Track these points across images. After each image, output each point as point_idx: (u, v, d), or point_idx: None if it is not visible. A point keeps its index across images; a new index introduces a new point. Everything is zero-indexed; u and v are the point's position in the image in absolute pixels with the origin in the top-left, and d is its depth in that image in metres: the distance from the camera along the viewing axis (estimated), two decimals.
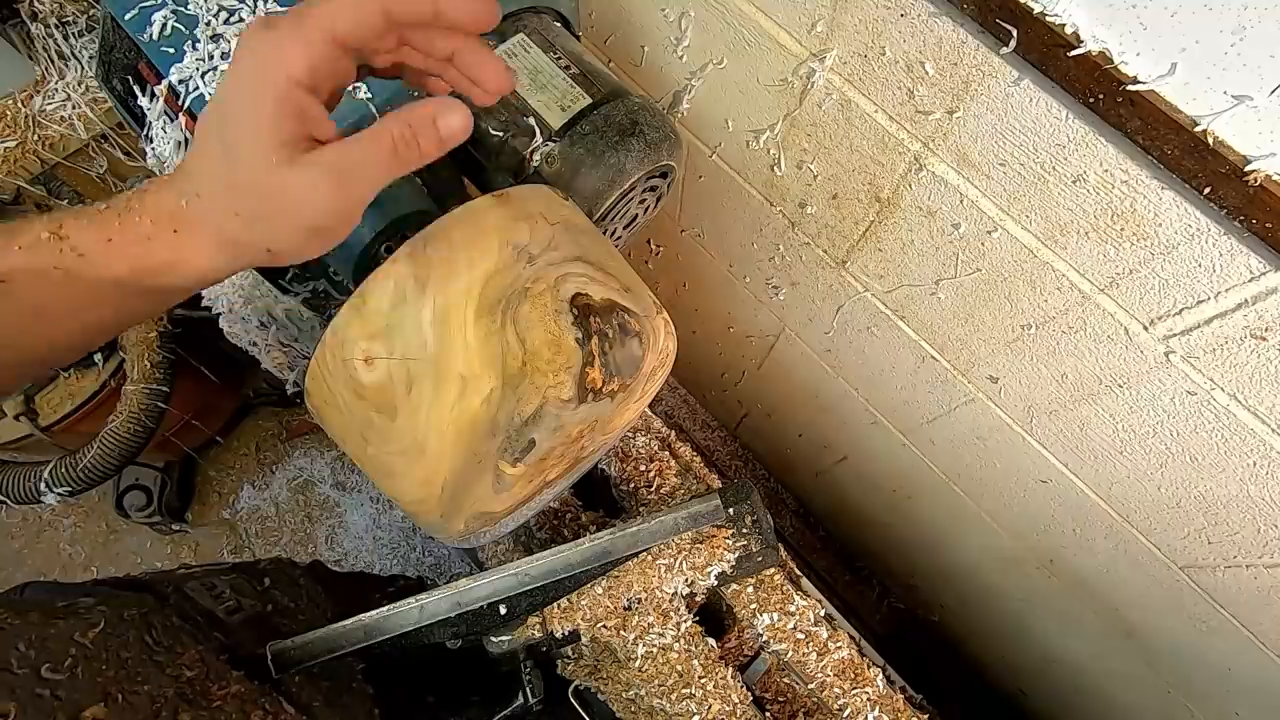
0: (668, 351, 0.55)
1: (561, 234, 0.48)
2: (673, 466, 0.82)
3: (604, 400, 0.49)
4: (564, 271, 0.47)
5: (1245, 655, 0.75)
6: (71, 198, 1.07)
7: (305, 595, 0.68)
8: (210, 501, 1.79)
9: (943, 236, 0.65)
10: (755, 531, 0.71)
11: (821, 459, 1.30)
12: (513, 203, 0.47)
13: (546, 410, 0.46)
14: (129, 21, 0.52)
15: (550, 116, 0.58)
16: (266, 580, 0.65)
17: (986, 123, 0.53)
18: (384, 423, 0.46)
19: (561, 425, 0.48)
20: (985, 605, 1.21)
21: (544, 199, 0.50)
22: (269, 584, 0.65)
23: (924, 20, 0.50)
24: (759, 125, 0.73)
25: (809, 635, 0.73)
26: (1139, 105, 0.42)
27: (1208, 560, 0.70)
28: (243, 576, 0.63)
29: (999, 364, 0.72)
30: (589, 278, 0.48)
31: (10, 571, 1.71)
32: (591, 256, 0.50)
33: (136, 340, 1.16)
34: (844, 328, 0.90)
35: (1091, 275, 0.56)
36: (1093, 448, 0.70)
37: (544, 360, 0.45)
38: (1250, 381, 0.52)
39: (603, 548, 0.66)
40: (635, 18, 0.76)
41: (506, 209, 0.47)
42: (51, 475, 1.15)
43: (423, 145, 0.35)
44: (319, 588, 0.71)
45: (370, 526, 1.76)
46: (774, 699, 0.76)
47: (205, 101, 0.50)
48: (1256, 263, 0.45)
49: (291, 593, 0.67)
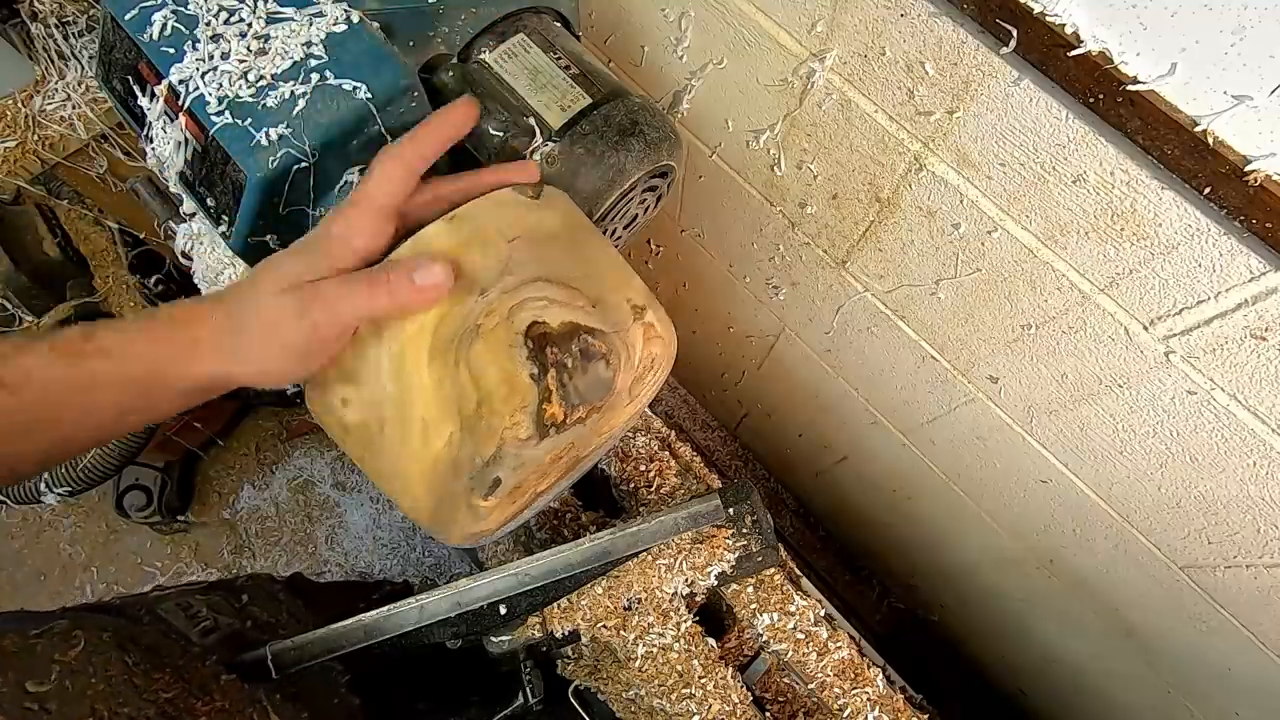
0: (655, 356, 0.54)
1: (522, 250, 0.47)
2: (673, 466, 0.82)
3: (570, 429, 0.48)
4: (520, 298, 0.45)
5: (1245, 655, 0.75)
6: (71, 198, 1.07)
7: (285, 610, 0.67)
8: (210, 501, 1.79)
9: (943, 236, 0.65)
10: (755, 531, 0.71)
11: (821, 459, 1.30)
12: (462, 225, 0.45)
13: (505, 450, 0.46)
14: (129, 21, 0.52)
15: (550, 116, 0.58)
16: (245, 597, 0.65)
17: (986, 123, 0.53)
18: (369, 459, 0.48)
19: (523, 462, 0.47)
20: (985, 605, 1.21)
21: (501, 210, 0.48)
22: (247, 600, 0.64)
23: (924, 20, 0.50)
24: (759, 125, 0.73)
25: (809, 635, 0.73)
26: (1139, 105, 0.42)
27: (1208, 560, 0.70)
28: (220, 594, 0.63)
29: (999, 364, 0.72)
30: (549, 299, 0.46)
31: (10, 571, 1.71)
32: (555, 272, 0.47)
33: None
34: (844, 328, 0.90)
35: (1091, 275, 0.56)
36: (1093, 448, 0.70)
37: (499, 400, 0.44)
38: (1250, 381, 0.52)
39: (603, 548, 0.66)
40: (635, 18, 0.76)
41: (455, 235, 0.45)
42: (51, 475, 1.15)
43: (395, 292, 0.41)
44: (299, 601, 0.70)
45: (370, 526, 1.76)
46: (774, 699, 0.76)
47: (205, 101, 0.50)
48: (1256, 263, 0.45)
49: (270, 608, 0.66)
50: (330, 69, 0.51)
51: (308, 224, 0.55)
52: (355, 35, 0.52)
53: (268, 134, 0.49)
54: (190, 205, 0.59)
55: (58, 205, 1.08)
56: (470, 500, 0.47)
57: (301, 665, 0.58)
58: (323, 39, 0.51)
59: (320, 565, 1.74)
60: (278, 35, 0.51)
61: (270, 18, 0.51)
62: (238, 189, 0.50)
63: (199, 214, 0.58)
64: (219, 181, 0.52)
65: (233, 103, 0.50)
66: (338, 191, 0.54)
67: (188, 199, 0.56)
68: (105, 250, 1.14)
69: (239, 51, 0.50)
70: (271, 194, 0.51)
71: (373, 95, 0.51)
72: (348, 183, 0.54)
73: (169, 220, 0.68)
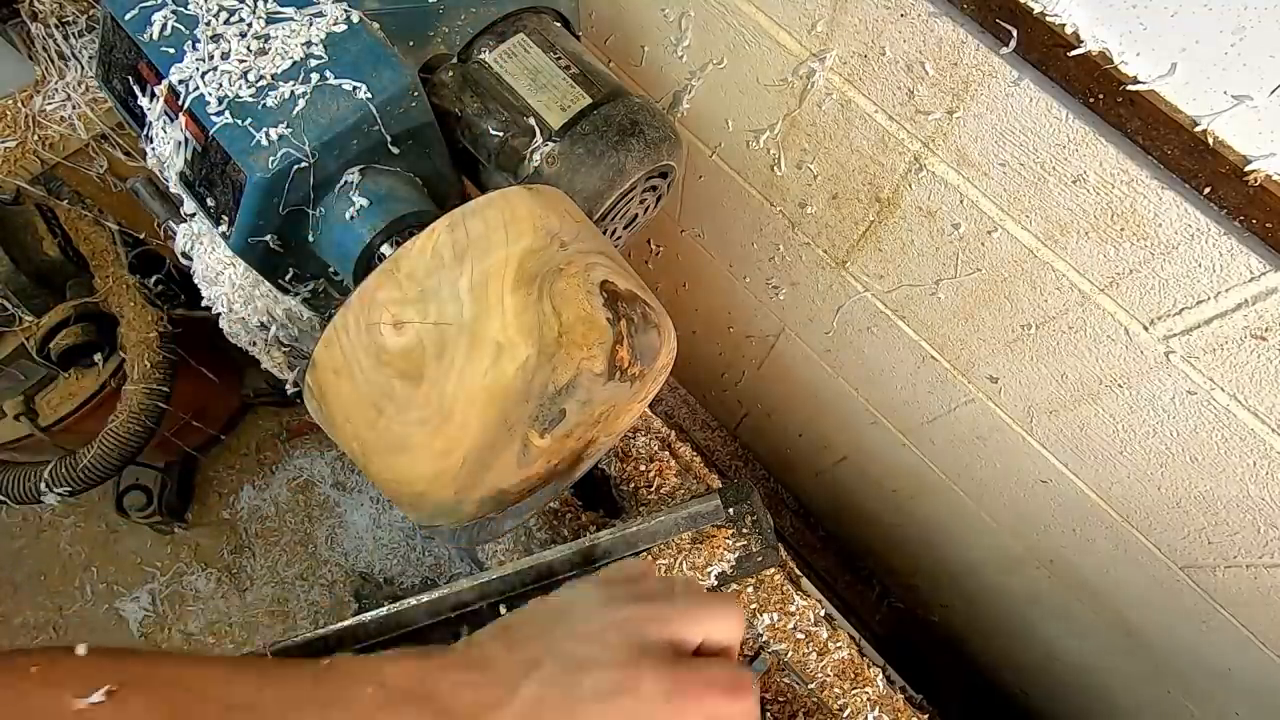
0: (672, 351, 0.56)
1: (586, 230, 0.51)
2: (673, 466, 0.82)
3: (626, 383, 0.51)
4: (592, 260, 0.50)
5: (1245, 655, 0.75)
6: (71, 198, 1.07)
7: None
8: (210, 501, 1.79)
9: (943, 236, 0.65)
10: (755, 531, 0.71)
11: (821, 459, 1.30)
12: (544, 195, 0.50)
13: (579, 381, 0.48)
14: (129, 21, 0.52)
15: (550, 116, 0.58)
16: None
17: (986, 123, 0.53)
18: (406, 390, 0.45)
19: (590, 400, 0.49)
20: (986, 605, 1.21)
21: (567, 201, 0.53)
22: None
23: (924, 20, 0.50)
24: (759, 125, 0.73)
25: (809, 635, 0.73)
26: (1139, 105, 0.42)
27: (1208, 560, 0.70)
28: None
29: (999, 364, 0.72)
30: (613, 269, 0.51)
31: (10, 571, 1.71)
32: (613, 254, 0.52)
33: (136, 340, 1.16)
34: (844, 328, 0.90)
35: (1091, 275, 0.56)
36: (1093, 448, 0.70)
37: (579, 334, 0.47)
38: (1250, 381, 0.52)
39: (603, 548, 0.66)
40: (635, 18, 0.76)
41: (539, 199, 0.49)
42: (51, 475, 1.14)
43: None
44: None
45: (370, 526, 1.76)
46: (774, 699, 0.76)
47: (205, 101, 0.50)
48: (1256, 263, 0.45)
49: None
50: (330, 69, 0.51)
51: (308, 224, 0.55)
52: (355, 35, 0.52)
53: (268, 134, 0.49)
54: (190, 205, 0.59)
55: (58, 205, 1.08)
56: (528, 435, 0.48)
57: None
58: (323, 39, 0.51)
59: (320, 565, 1.74)
60: (278, 35, 0.51)
61: (270, 18, 0.51)
62: (238, 189, 0.50)
63: (199, 214, 0.58)
64: (219, 181, 0.52)
65: (233, 103, 0.50)
66: (338, 191, 0.54)
67: (188, 199, 0.56)
68: (105, 250, 1.14)
69: (239, 51, 0.50)
70: (271, 194, 0.51)
71: (373, 95, 0.51)
72: (348, 183, 0.54)
73: (169, 220, 0.68)
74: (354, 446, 0.50)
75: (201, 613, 1.69)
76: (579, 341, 0.47)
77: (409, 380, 0.45)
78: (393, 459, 0.48)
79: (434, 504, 0.50)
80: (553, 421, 0.48)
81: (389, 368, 0.45)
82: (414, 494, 0.50)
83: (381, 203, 0.54)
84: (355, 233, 0.54)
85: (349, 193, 0.54)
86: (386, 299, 0.45)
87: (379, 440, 0.48)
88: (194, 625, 1.68)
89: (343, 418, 0.49)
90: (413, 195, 0.57)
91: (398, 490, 0.50)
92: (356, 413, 0.48)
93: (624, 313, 0.49)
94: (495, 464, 0.48)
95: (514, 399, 0.46)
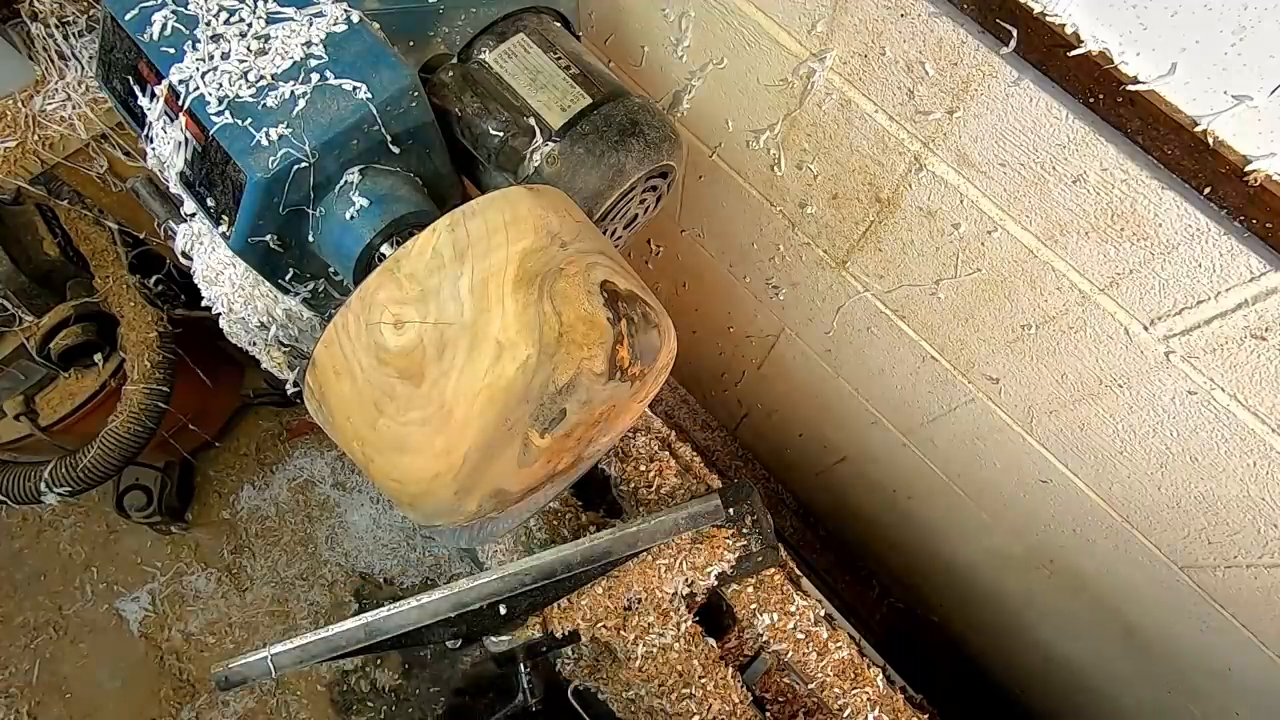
0: (672, 351, 0.56)
1: (586, 230, 0.52)
2: (673, 466, 0.82)
3: (626, 383, 0.51)
4: (592, 260, 0.50)
5: (1245, 655, 0.75)
6: (71, 198, 1.07)
7: None
8: (210, 501, 1.79)
9: (943, 236, 0.65)
10: (755, 531, 0.72)
11: (821, 459, 1.30)
12: (544, 195, 0.50)
13: (580, 381, 0.48)
14: (129, 21, 0.52)
15: (550, 116, 0.58)
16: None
17: (986, 123, 0.53)
18: (406, 390, 0.45)
19: (590, 399, 0.49)
20: (985, 605, 1.21)
21: (567, 201, 0.53)
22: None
23: (924, 20, 0.50)
24: (759, 125, 0.73)
25: (809, 635, 0.73)
26: (1139, 105, 0.42)
27: (1208, 560, 0.70)
28: None
29: (999, 364, 0.72)
30: (613, 269, 0.51)
31: (10, 571, 1.71)
32: (613, 254, 0.53)
33: (136, 340, 1.16)
34: (844, 328, 0.90)
35: (1091, 275, 0.56)
36: (1093, 448, 0.70)
37: (579, 334, 0.47)
38: (1250, 381, 0.52)
39: (603, 548, 0.66)
40: (635, 18, 0.76)
41: (539, 199, 0.49)
42: (51, 475, 1.15)
43: None
44: None
45: (370, 526, 1.76)
46: (774, 699, 0.76)
47: (205, 101, 0.50)
48: (1256, 263, 0.45)
49: None
50: (330, 69, 0.51)
51: (308, 224, 0.55)
52: (355, 35, 0.52)
53: (268, 134, 0.49)
54: (190, 205, 0.59)
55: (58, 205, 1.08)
56: (528, 434, 0.48)
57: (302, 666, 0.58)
58: (323, 39, 0.51)
59: (320, 565, 1.74)
60: (278, 35, 0.51)
61: (270, 18, 0.51)
62: (238, 189, 0.50)
63: (199, 214, 0.58)
64: (219, 182, 0.52)
65: (233, 103, 0.50)
66: (338, 191, 0.54)
67: (188, 199, 0.56)
68: (105, 250, 1.14)
69: (239, 51, 0.50)
70: (271, 194, 0.51)
71: (373, 95, 0.51)
72: (348, 183, 0.54)
73: (169, 220, 0.68)
74: (354, 446, 0.50)
75: (201, 612, 1.69)
76: (579, 341, 0.47)
77: (409, 380, 0.45)
78: (393, 459, 0.48)
79: (434, 504, 0.50)
80: (553, 421, 0.48)
81: (389, 367, 0.45)
82: (414, 494, 0.50)
83: (382, 203, 0.54)
84: (355, 233, 0.54)
85: (349, 193, 0.54)
86: (387, 299, 0.45)
87: (379, 440, 0.48)
88: (194, 625, 1.68)
89: (343, 417, 0.49)
90: (413, 195, 0.57)
91: (398, 490, 0.50)
92: (357, 412, 0.48)
93: (624, 313, 0.49)
94: (496, 463, 0.48)
95: (514, 399, 0.46)
